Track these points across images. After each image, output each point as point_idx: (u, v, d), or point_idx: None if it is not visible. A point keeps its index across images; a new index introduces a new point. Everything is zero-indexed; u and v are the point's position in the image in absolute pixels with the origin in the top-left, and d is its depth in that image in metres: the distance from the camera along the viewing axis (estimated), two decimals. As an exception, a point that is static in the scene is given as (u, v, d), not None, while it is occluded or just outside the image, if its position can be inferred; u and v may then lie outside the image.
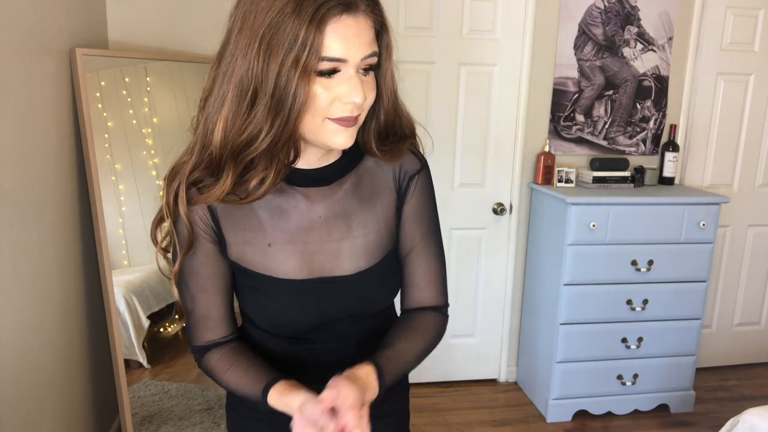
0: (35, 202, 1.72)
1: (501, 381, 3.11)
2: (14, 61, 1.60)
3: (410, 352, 0.99)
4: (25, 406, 1.64)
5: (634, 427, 2.74)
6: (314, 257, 0.95)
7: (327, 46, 0.79)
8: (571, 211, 2.56)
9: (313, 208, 0.95)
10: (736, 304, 3.28)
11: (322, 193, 0.95)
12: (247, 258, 0.94)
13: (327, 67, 0.80)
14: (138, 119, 2.35)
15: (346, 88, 0.82)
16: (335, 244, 0.95)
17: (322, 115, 0.84)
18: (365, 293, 0.98)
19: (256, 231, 0.93)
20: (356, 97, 0.82)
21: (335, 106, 0.83)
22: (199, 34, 2.50)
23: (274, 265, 0.94)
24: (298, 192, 0.94)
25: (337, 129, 0.85)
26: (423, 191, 1.01)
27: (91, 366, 2.17)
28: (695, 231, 2.66)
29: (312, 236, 0.93)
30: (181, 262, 0.94)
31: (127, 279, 2.31)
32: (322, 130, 0.85)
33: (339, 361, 0.93)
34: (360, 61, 0.82)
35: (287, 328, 0.98)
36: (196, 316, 0.98)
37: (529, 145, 2.89)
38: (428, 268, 1.03)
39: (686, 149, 3.06)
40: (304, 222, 0.94)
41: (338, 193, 0.96)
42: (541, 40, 2.80)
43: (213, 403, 2.49)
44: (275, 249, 0.93)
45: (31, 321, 1.69)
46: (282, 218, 0.94)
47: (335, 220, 0.95)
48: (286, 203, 0.94)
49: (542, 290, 2.82)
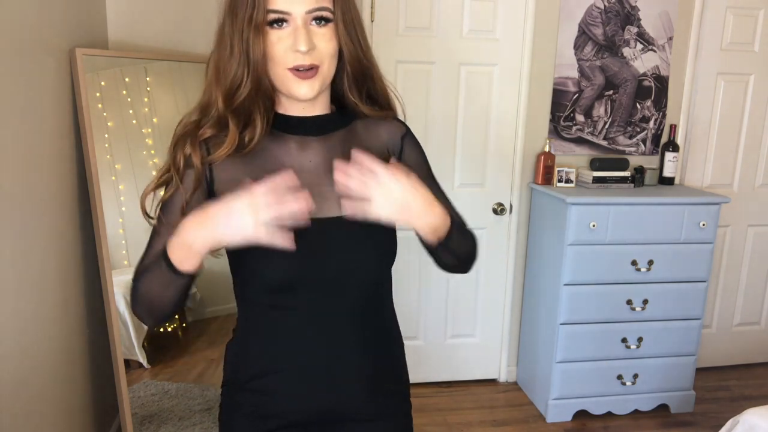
0: (35, 202, 1.72)
1: (501, 381, 3.11)
2: (14, 61, 1.60)
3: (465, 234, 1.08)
4: (25, 406, 1.64)
5: (634, 427, 2.74)
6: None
7: (271, 1, 0.93)
8: (571, 211, 2.56)
9: (304, 154, 1.03)
10: (736, 304, 3.28)
11: (313, 141, 1.04)
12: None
13: (273, 17, 0.93)
14: (138, 119, 2.35)
15: (293, 37, 0.93)
16: (323, 188, 1.00)
17: (281, 65, 0.95)
18: (351, 239, 1.00)
19: (247, 173, 0.98)
20: (301, 45, 0.92)
21: (289, 55, 0.94)
22: (199, 34, 2.50)
23: None
24: (292, 139, 1.03)
25: (297, 80, 0.96)
26: (414, 150, 1.12)
27: (91, 366, 2.17)
28: (695, 231, 2.66)
29: (302, 179, 0.93)
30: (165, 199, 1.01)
31: (127, 279, 2.29)
32: (286, 80, 0.96)
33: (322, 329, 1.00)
34: (305, 14, 0.94)
35: (277, 275, 0.98)
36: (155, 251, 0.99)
37: (529, 145, 2.89)
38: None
39: (686, 149, 3.06)
40: (295, 166, 1.00)
41: (329, 143, 1.04)
42: (541, 40, 2.81)
43: (213, 403, 2.49)
44: None
45: (32, 321, 1.69)
46: (274, 162, 1.01)
47: (325, 166, 1.02)
48: (279, 149, 1.02)
49: (542, 290, 2.82)
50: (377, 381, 1.08)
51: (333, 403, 1.05)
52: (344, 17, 0.97)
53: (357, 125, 1.08)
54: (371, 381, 1.07)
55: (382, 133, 1.10)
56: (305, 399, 1.04)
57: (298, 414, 1.05)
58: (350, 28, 0.99)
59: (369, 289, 1.05)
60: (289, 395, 1.04)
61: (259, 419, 1.06)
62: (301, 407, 1.05)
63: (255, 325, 1.06)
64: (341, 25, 0.97)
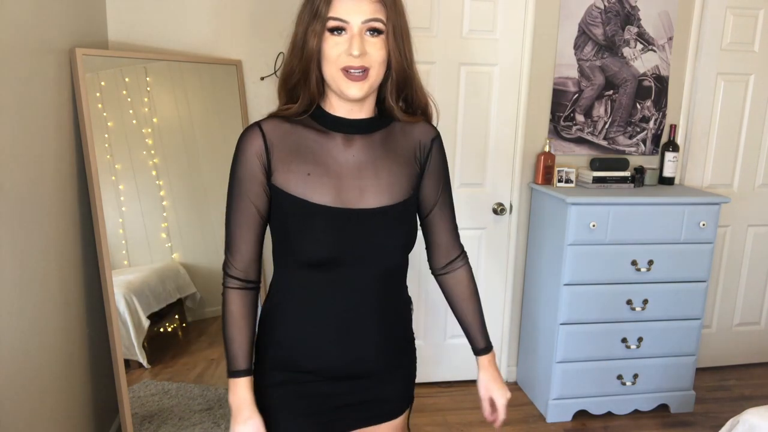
0: (35, 202, 1.72)
1: (501, 381, 3.11)
2: (14, 61, 1.60)
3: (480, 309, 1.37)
4: (25, 406, 1.64)
5: (634, 427, 2.74)
6: (345, 191, 1.16)
7: (332, 10, 1.09)
8: (571, 211, 2.56)
9: (348, 150, 1.19)
10: (736, 304, 3.28)
11: (357, 139, 1.19)
12: (290, 184, 1.16)
13: (333, 25, 1.09)
14: (138, 119, 2.35)
15: (349, 43, 1.09)
16: (364, 182, 1.18)
17: (335, 65, 1.10)
18: (384, 228, 1.18)
19: (300, 163, 1.16)
20: (354, 50, 1.08)
21: (342, 58, 1.10)
22: (199, 35, 2.50)
23: (311, 192, 1.15)
24: (339, 136, 1.18)
25: (347, 81, 1.11)
26: (440, 153, 1.28)
27: (91, 366, 2.17)
28: (695, 231, 2.66)
29: (345, 173, 1.17)
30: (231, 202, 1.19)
31: (127, 279, 2.31)
32: (338, 80, 1.11)
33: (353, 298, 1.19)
34: (361, 24, 1.09)
35: (319, 254, 1.14)
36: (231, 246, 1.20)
37: (529, 145, 2.89)
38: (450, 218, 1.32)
39: (686, 149, 3.06)
40: (340, 160, 1.18)
41: (370, 142, 1.20)
42: (541, 40, 2.81)
43: (213, 403, 2.49)
44: (313, 178, 1.15)
45: (32, 321, 1.69)
46: (322, 155, 1.17)
47: (365, 163, 1.19)
48: (327, 144, 1.18)
49: (542, 290, 2.82)
50: (393, 341, 1.28)
51: (357, 358, 1.22)
52: (395, 30, 1.12)
53: (395, 127, 1.24)
54: (389, 341, 1.26)
55: (416, 134, 1.25)
56: (333, 354, 1.21)
57: (327, 366, 1.21)
58: (399, 40, 1.14)
59: (393, 268, 1.23)
60: (319, 350, 1.21)
61: (292, 370, 1.22)
62: (329, 361, 1.21)
63: (291, 291, 1.21)
64: (391, 37, 1.12)
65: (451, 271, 1.36)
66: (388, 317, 1.25)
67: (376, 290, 1.21)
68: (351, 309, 1.20)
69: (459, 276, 1.36)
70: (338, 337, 1.20)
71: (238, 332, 1.21)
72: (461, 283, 1.36)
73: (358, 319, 1.21)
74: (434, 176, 1.27)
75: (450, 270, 1.35)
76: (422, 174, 1.26)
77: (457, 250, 1.35)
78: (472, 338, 1.40)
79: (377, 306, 1.22)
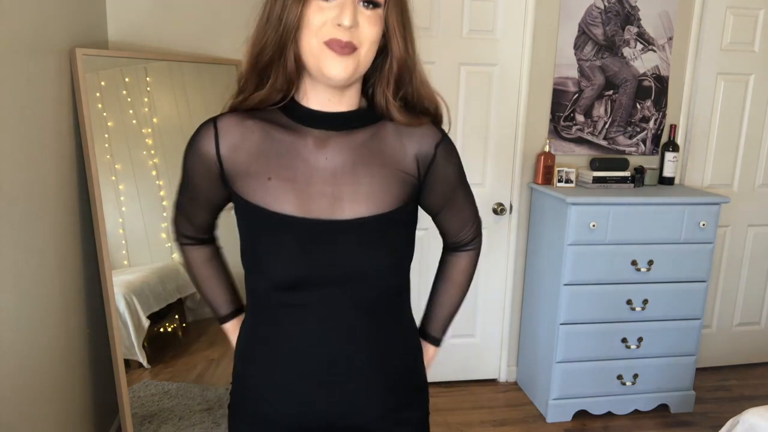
0: (35, 202, 1.72)
1: (501, 381, 3.11)
2: (14, 61, 1.60)
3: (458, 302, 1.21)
4: (25, 405, 1.64)
5: (634, 427, 2.74)
6: (313, 199, 0.95)
7: None
8: (571, 211, 2.56)
9: (321, 151, 0.97)
10: (736, 304, 3.28)
11: (333, 137, 0.97)
12: (248, 190, 0.97)
13: None
14: (138, 119, 2.35)
15: (338, 10, 0.88)
16: (338, 188, 0.95)
17: (318, 37, 0.89)
18: (363, 245, 0.95)
19: (261, 165, 0.96)
20: (345, 20, 0.87)
21: (327, 28, 0.88)
22: (199, 34, 2.50)
23: (271, 199, 0.95)
24: (311, 134, 0.97)
25: (332, 56, 0.89)
26: (448, 161, 1.04)
27: (91, 366, 2.17)
28: (695, 231, 2.66)
29: (315, 178, 0.95)
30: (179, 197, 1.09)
31: (127, 279, 2.31)
32: (320, 55, 0.89)
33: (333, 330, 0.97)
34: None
35: (282, 273, 0.94)
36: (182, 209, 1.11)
37: (529, 145, 2.89)
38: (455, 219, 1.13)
39: (686, 149, 3.06)
40: (311, 162, 0.96)
41: (350, 142, 0.97)
42: (541, 40, 2.81)
43: (213, 403, 2.49)
44: (275, 183, 0.95)
45: (31, 321, 1.69)
46: (289, 156, 0.96)
47: (342, 166, 0.96)
48: (296, 142, 0.97)
49: (542, 290, 2.82)
50: (390, 388, 1.03)
51: (340, 407, 1.00)
52: (396, 6, 0.93)
53: (387, 126, 1.00)
54: (383, 388, 1.02)
55: (414, 138, 1.01)
56: (311, 402, 0.99)
57: (303, 418, 1.00)
58: (401, 19, 0.94)
59: (380, 293, 1.00)
60: (294, 396, 0.99)
61: (263, 423, 1.02)
62: (301, 414, 1.00)
63: (260, 322, 1.02)
64: (393, 14, 0.93)
65: (454, 253, 1.20)
66: (383, 358, 1.01)
67: (363, 323, 0.98)
68: (332, 346, 0.97)
69: (456, 259, 1.20)
70: (313, 382, 0.98)
71: (206, 284, 1.17)
72: (454, 267, 1.20)
73: (341, 360, 0.98)
74: (439, 187, 1.05)
75: (453, 252, 1.20)
76: (421, 186, 1.02)
77: (466, 238, 1.17)
78: (430, 322, 1.21)
79: (367, 343, 0.99)
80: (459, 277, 1.19)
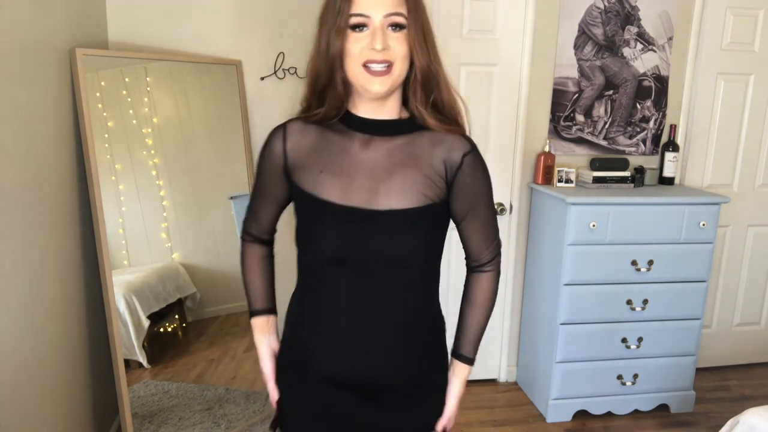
0: (35, 202, 1.72)
1: (501, 381, 3.12)
2: (14, 61, 1.60)
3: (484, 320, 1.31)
4: (25, 406, 1.64)
5: (634, 427, 2.74)
6: (355, 190, 1.15)
7: (354, 6, 1.09)
8: (571, 211, 2.56)
9: (365, 151, 1.17)
10: (736, 304, 3.28)
11: (376, 140, 1.18)
12: (303, 181, 1.19)
13: (355, 21, 1.09)
14: (138, 119, 2.35)
15: (371, 38, 1.09)
16: (375, 183, 1.15)
17: (357, 62, 1.10)
18: (391, 232, 1.15)
19: (315, 161, 1.18)
20: (377, 44, 1.08)
21: (364, 53, 1.09)
22: (199, 35, 2.50)
23: (321, 188, 1.16)
24: (357, 137, 1.18)
25: (370, 77, 1.10)
26: (474, 171, 1.21)
27: (91, 366, 2.17)
28: (695, 231, 2.66)
29: (358, 173, 1.16)
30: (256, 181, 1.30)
31: (127, 279, 2.31)
32: (360, 76, 1.11)
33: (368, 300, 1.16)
34: (383, 18, 1.09)
35: (327, 249, 1.16)
36: (252, 214, 1.33)
37: (529, 145, 2.89)
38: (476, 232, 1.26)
39: (686, 149, 3.06)
40: (356, 160, 1.17)
41: (388, 145, 1.17)
42: (541, 40, 2.81)
43: (213, 403, 2.49)
44: (325, 176, 1.17)
45: (32, 321, 1.69)
46: (338, 154, 1.18)
47: (381, 165, 1.16)
48: (346, 144, 1.18)
49: (542, 290, 2.82)
50: (412, 350, 1.21)
51: (367, 368, 1.18)
52: (416, 25, 1.11)
53: (424, 135, 1.19)
54: (412, 358, 1.21)
55: (444, 148, 1.18)
56: (343, 360, 1.18)
57: (336, 372, 1.19)
58: (421, 35, 1.12)
59: (410, 277, 1.19)
60: (329, 354, 1.19)
61: (303, 371, 1.23)
62: (338, 366, 1.19)
63: (310, 291, 1.23)
64: (413, 31, 1.11)
65: (475, 274, 1.32)
66: (411, 331, 1.21)
67: (394, 299, 1.18)
68: (364, 313, 1.17)
69: (478, 280, 1.31)
70: (349, 339, 1.18)
71: (252, 276, 1.34)
72: (476, 288, 1.31)
73: (375, 327, 1.18)
74: (463, 194, 1.21)
75: (475, 273, 1.32)
76: (448, 190, 1.19)
77: (484, 258, 1.29)
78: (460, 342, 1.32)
79: (397, 317, 1.18)
80: (481, 297, 1.31)
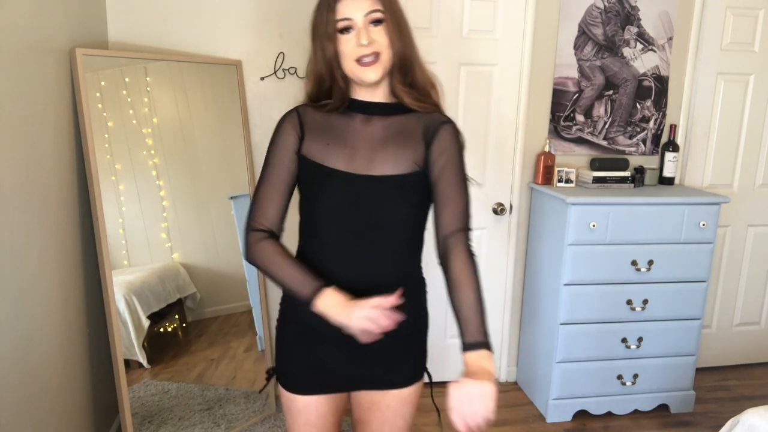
0: (35, 202, 1.72)
1: (501, 381, 3.11)
2: (14, 61, 1.60)
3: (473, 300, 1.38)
4: (25, 406, 1.64)
5: (634, 427, 2.74)
6: (357, 159, 1.34)
7: (338, 13, 1.28)
8: (571, 211, 2.56)
9: (365, 127, 1.38)
10: (736, 304, 3.28)
11: (374, 119, 1.38)
12: (312, 152, 1.36)
13: (341, 25, 1.29)
14: (138, 119, 2.35)
15: (357, 37, 1.29)
16: (374, 153, 1.35)
17: (350, 59, 1.30)
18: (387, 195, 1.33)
19: (323, 135, 1.37)
20: (363, 40, 1.28)
21: (355, 50, 1.29)
22: (199, 34, 2.50)
23: (328, 158, 1.34)
24: (358, 117, 1.38)
25: (362, 68, 1.31)
26: (449, 136, 1.39)
27: (91, 366, 2.17)
28: (695, 231, 2.66)
29: (360, 145, 1.35)
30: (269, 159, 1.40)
31: (127, 279, 2.31)
32: (355, 70, 1.31)
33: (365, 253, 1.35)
34: (364, 17, 1.28)
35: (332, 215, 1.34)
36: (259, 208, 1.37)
37: (529, 145, 2.89)
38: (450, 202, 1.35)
39: (686, 149, 3.06)
40: (358, 134, 1.37)
41: (384, 123, 1.38)
42: (541, 40, 2.81)
43: (213, 403, 2.49)
44: (331, 148, 1.35)
45: (32, 321, 1.69)
46: (343, 130, 1.37)
47: (378, 138, 1.36)
48: (348, 121, 1.38)
49: (542, 290, 2.82)
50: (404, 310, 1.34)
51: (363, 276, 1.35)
52: (392, 17, 1.31)
53: (412, 115, 1.39)
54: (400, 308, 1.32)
55: (426, 120, 1.39)
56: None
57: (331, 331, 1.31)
58: (396, 26, 1.31)
59: (402, 233, 1.37)
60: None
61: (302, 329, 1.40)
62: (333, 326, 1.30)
63: (312, 250, 1.39)
64: (390, 23, 1.30)
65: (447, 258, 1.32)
66: (399, 283, 1.35)
67: (388, 255, 1.37)
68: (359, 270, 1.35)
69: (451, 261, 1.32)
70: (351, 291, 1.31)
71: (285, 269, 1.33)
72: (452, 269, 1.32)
73: (365, 280, 1.34)
74: (437, 153, 1.36)
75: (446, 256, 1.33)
76: (428, 152, 1.36)
77: (451, 226, 1.33)
78: (464, 332, 1.39)
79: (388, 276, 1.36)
80: (460, 276, 1.33)
